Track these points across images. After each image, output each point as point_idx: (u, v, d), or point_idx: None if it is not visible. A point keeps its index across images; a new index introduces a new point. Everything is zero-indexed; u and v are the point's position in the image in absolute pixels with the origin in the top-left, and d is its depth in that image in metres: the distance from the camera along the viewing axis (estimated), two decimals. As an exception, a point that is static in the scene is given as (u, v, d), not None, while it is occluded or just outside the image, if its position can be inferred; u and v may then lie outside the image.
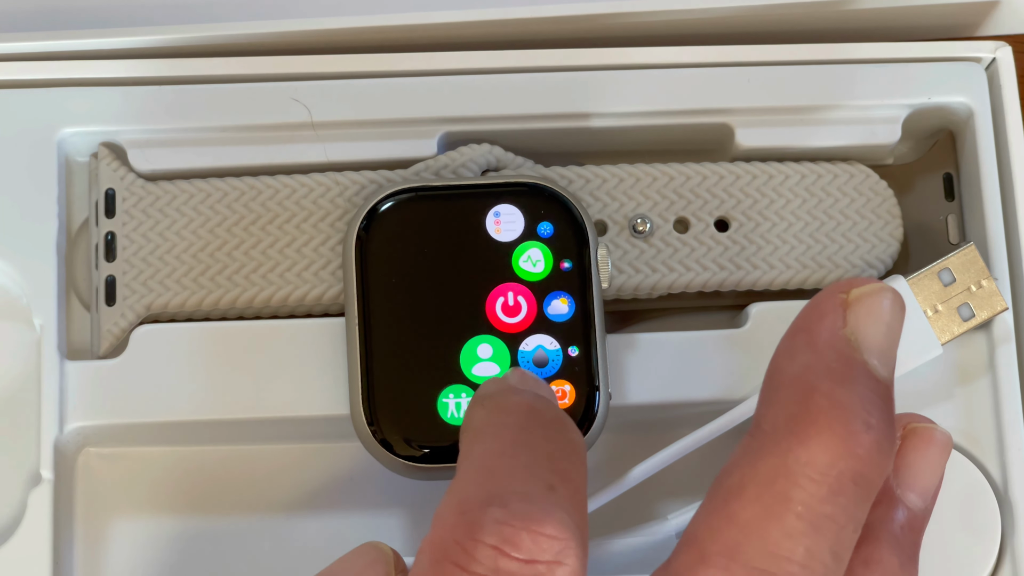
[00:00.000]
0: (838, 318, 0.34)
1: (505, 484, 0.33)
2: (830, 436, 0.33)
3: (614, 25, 0.48)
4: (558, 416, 0.36)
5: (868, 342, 0.34)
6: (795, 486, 0.32)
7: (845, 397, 0.33)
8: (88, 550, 0.45)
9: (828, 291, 0.35)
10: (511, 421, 0.35)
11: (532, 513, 0.32)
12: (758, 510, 0.32)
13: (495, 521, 0.32)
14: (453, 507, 0.33)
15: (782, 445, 0.33)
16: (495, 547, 0.32)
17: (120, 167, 0.46)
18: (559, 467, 0.34)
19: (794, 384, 0.34)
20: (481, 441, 0.35)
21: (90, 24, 0.47)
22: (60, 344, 0.45)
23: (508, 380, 0.37)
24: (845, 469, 0.33)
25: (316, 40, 0.47)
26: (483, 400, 0.36)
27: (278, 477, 0.46)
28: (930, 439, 0.37)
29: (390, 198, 0.45)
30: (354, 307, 0.44)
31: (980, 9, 0.49)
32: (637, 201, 0.46)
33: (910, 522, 0.36)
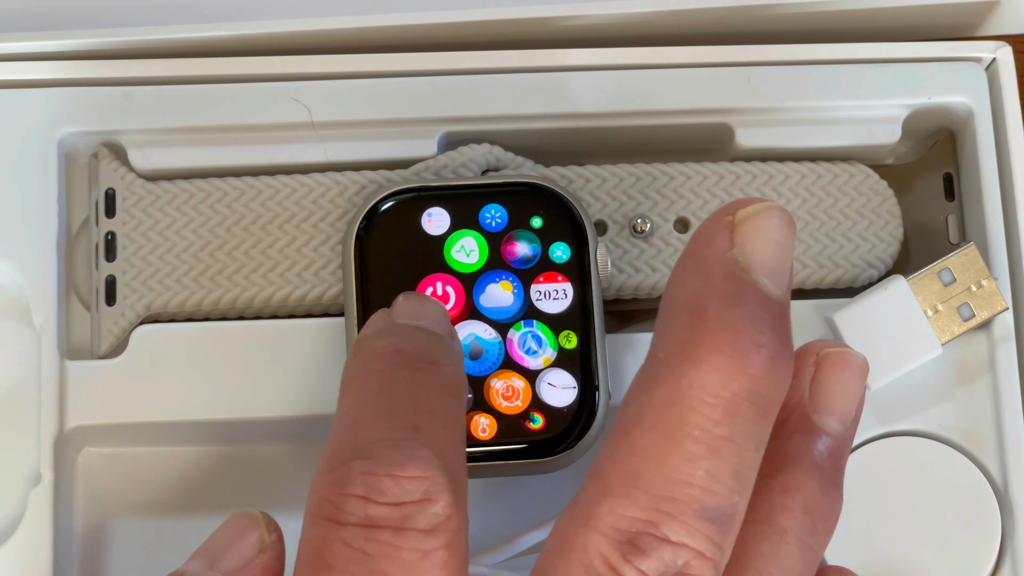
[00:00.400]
0: (725, 240, 0.34)
1: (367, 434, 0.34)
2: (720, 357, 0.33)
3: (614, 25, 0.48)
4: (427, 353, 0.36)
5: (757, 261, 0.34)
6: (690, 410, 0.33)
7: (734, 317, 0.33)
8: (88, 550, 0.45)
9: (716, 214, 0.35)
10: (376, 368, 0.35)
11: (394, 457, 0.33)
12: (656, 437, 0.33)
13: (359, 472, 0.33)
14: (322, 466, 0.34)
15: (675, 371, 0.33)
16: (362, 496, 0.33)
17: (120, 167, 0.46)
18: (423, 405, 0.35)
19: (684, 309, 0.34)
20: (348, 394, 0.36)
21: (90, 24, 0.47)
22: (60, 344, 0.45)
23: (386, 317, 0.37)
24: (739, 389, 0.32)
25: (316, 40, 0.47)
26: (355, 347, 0.37)
27: (278, 477, 0.46)
28: (844, 362, 0.36)
29: (390, 198, 0.45)
30: (354, 307, 0.44)
31: (980, 9, 0.49)
32: (637, 201, 0.46)
33: (830, 448, 0.36)
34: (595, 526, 0.33)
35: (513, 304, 0.44)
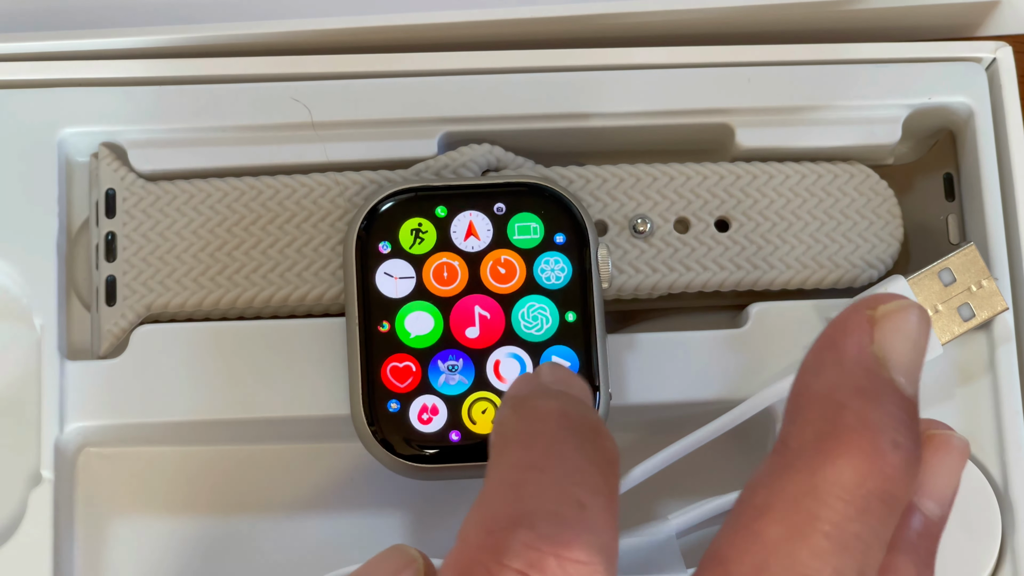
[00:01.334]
0: (865, 335, 0.34)
1: (534, 503, 0.32)
2: (858, 455, 0.32)
3: (614, 25, 0.48)
4: (591, 424, 0.34)
5: (895, 359, 0.34)
6: (823, 505, 0.32)
7: (873, 415, 0.33)
8: (88, 550, 0.45)
9: (855, 307, 0.34)
10: (542, 429, 0.34)
11: (560, 536, 0.31)
12: (785, 529, 0.32)
13: (522, 544, 0.31)
14: (479, 524, 0.32)
15: (809, 463, 0.32)
16: (521, 571, 0.31)
17: (120, 167, 0.46)
18: (591, 481, 0.33)
19: (821, 401, 0.33)
20: (510, 451, 0.34)
21: (90, 24, 0.47)
22: (60, 344, 0.45)
23: (540, 378, 0.36)
24: (873, 488, 0.32)
25: (316, 40, 0.47)
26: (514, 403, 0.35)
27: (278, 477, 0.46)
28: (948, 446, 0.36)
29: (390, 198, 0.45)
30: (354, 307, 0.44)
31: (980, 9, 0.49)
32: (637, 201, 0.46)
33: (927, 529, 0.36)
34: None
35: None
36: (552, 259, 0.44)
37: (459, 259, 0.44)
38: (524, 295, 0.44)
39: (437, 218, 0.44)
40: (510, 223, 0.44)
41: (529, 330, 0.44)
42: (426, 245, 0.44)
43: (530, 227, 0.44)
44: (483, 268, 0.44)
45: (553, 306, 0.44)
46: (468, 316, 0.44)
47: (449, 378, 0.43)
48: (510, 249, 0.44)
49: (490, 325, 0.44)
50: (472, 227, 0.44)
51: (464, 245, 0.44)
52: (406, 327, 0.44)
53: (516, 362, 0.43)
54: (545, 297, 0.44)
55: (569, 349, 0.44)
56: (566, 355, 0.44)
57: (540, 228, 0.44)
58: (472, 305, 0.44)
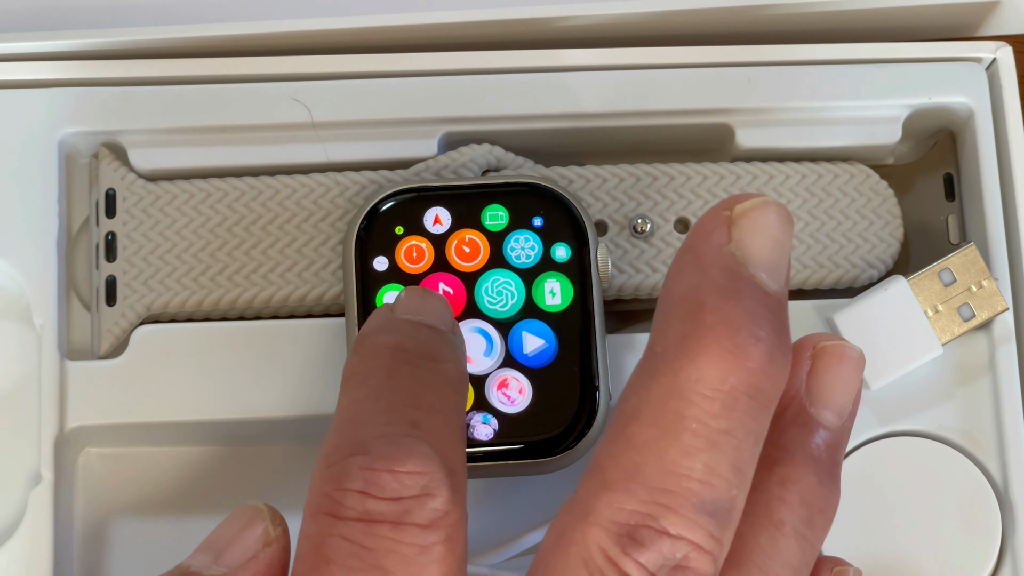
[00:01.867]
0: (723, 234, 0.34)
1: (367, 430, 0.34)
2: (718, 351, 0.33)
3: (614, 25, 0.48)
4: (427, 349, 0.36)
5: (754, 256, 0.34)
6: (688, 404, 0.33)
7: (732, 312, 0.33)
8: (88, 550, 0.45)
9: (713, 209, 0.35)
10: (377, 365, 0.36)
11: (392, 453, 0.33)
12: (654, 431, 0.33)
13: (358, 467, 0.33)
14: (321, 462, 0.34)
15: (673, 365, 0.33)
16: (361, 491, 0.33)
17: (120, 167, 0.46)
18: (424, 401, 0.35)
19: (682, 303, 0.34)
20: (348, 390, 0.36)
21: (90, 24, 0.47)
22: (60, 344, 0.45)
23: (387, 312, 0.37)
24: (737, 383, 0.33)
25: (316, 40, 0.47)
26: (356, 343, 0.37)
27: (278, 477, 0.46)
28: (841, 355, 0.37)
29: (390, 198, 0.45)
30: (354, 307, 0.44)
31: (980, 9, 0.49)
32: (637, 201, 0.46)
33: (827, 441, 0.36)
34: (594, 520, 0.33)
35: (515, 304, 0.44)
36: (551, 274, 0.44)
37: (455, 278, 0.44)
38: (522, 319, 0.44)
39: (433, 236, 0.44)
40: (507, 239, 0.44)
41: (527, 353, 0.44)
42: (424, 264, 0.44)
43: (528, 242, 0.44)
44: (479, 289, 0.44)
45: (550, 331, 0.44)
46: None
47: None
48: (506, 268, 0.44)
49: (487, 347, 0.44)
50: (470, 245, 0.44)
51: (460, 263, 0.44)
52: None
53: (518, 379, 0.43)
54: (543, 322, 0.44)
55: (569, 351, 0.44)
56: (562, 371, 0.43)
57: (538, 243, 0.44)
58: (468, 329, 0.44)
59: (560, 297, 0.44)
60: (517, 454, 0.43)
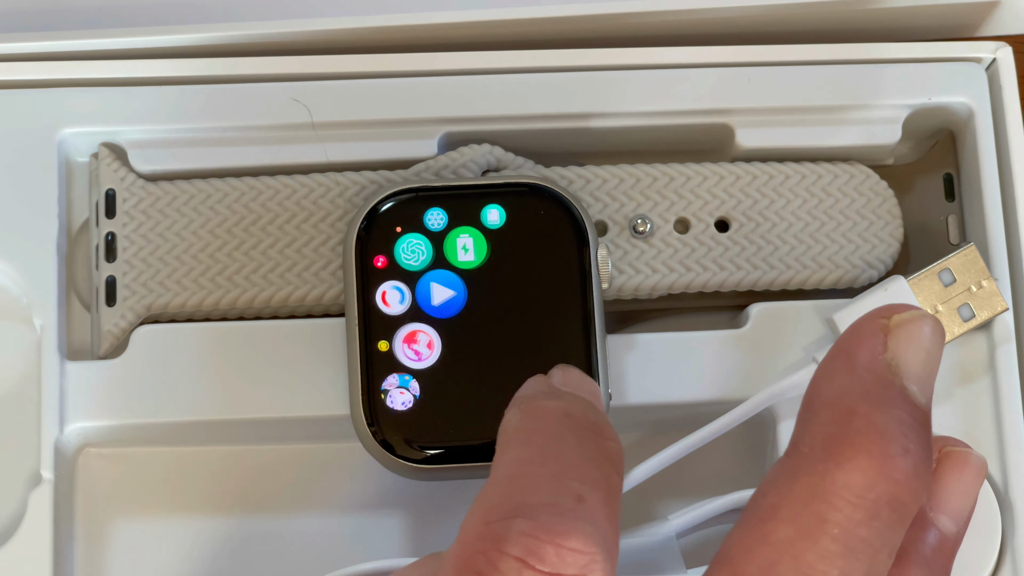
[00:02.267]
0: (878, 343, 0.34)
1: (532, 495, 0.33)
2: (868, 459, 0.32)
3: (614, 26, 0.48)
4: (593, 422, 0.35)
5: (908, 368, 0.34)
6: (831, 508, 0.32)
7: (883, 421, 0.33)
8: (88, 550, 0.45)
9: (869, 316, 0.35)
10: (543, 427, 0.35)
11: (558, 525, 0.32)
12: (793, 531, 0.32)
13: (520, 533, 0.32)
14: (479, 516, 0.33)
15: (819, 467, 0.33)
16: (519, 559, 0.31)
17: (120, 167, 0.46)
18: (589, 476, 0.34)
19: (832, 406, 0.34)
20: (512, 448, 0.34)
21: (90, 24, 0.47)
22: (60, 344, 0.45)
23: (548, 381, 0.37)
24: (882, 493, 0.32)
25: (316, 40, 0.47)
26: (519, 403, 0.36)
27: (278, 477, 0.46)
28: (965, 463, 0.37)
29: (390, 198, 0.45)
30: (354, 307, 0.44)
31: (980, 9, 0.49)
32: (637, 201, 0.46)
33: (941, 545, 0.36)
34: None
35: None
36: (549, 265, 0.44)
37: (456, 274, 0.44)
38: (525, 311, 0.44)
39: (432, 233, 0.44)
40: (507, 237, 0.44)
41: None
42: (423, 262, 0.44)
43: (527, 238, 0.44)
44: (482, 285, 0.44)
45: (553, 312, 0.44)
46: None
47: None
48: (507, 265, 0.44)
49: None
50: (467, 243, 0.44)
51: (461, 262, 0.44)
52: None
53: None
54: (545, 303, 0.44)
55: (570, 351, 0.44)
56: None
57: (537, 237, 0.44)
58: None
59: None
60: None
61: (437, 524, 0.46)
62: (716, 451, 0.46)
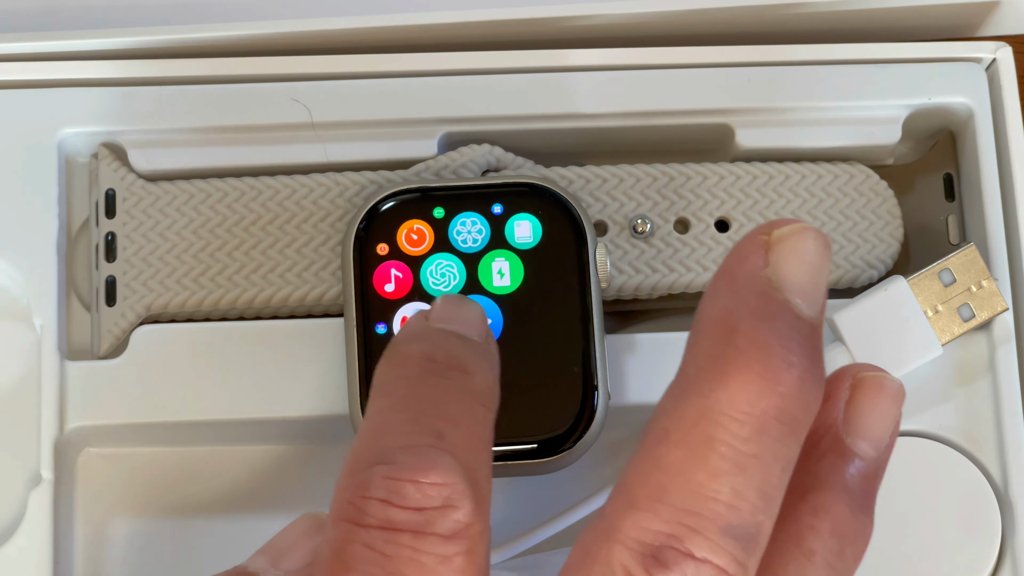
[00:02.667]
0: (759, 259, 0.34)
1: (391, 439, 0.34)
2: (749, 375, 0.32)
3: (614, 25, 0.48)
4: (457, 360, 0.36)
5: (790, 281, 0.34)
6: (717, 427, 0.32)
7: (764, 336, 0.33)
8: (88, 550, 0.45)
9: (751, 233, 0.34)
10: (404, 373, 0.36)
11: (416, 463, 0.33)
12: (683, 453, 0.32)
13: (382, 476, 0.33)
14: (346, 468, 0.34)
15: (704, 387, 0.33)
16: (383, 500, 0.33)
17: (120, 167, 0.46)
18: (449, 413, 0.35)
19: (715, 326, 0.33)
20: (375, 398, 0.36)
21: (90, 24, 0.47)
22: (60, 344, 0.45)
23: (421, 320, 0.37)
24: (767, 407, 0.32)
25: (316, 40, 0.47)
26: (387, 352, 0.37)
27: (278, 477, 0.46)
28: (880, 387, 0.36)
29: (390, 198, 0.45)
30: (354, 307, 0.44)
31: (980, 9, 0.49)
32: (637, 201, 0.46)
33: (862, 471, 0.36)
34: (618, 539, 0.33)
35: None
36: (550, 260, 0.44)
37: (457, 259, 0.44)
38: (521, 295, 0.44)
39: (435, 219, 0.44)
40: (508, 223, 0.44)
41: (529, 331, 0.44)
42: (424, 247, 0.44)
43: (528, 228, 0.44)
44: (481, 269, 0.44)
45: (553, 307, 0.44)
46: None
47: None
48: (508, 249, 0.44)
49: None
50: (470, 227, 0.44)
51: (462, 247, 0.44)
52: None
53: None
54: (544, 298, 0.44)
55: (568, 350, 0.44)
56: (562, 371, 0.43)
57: (539, 229, 0.44)
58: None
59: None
60: (516, 455, 0.43)
61: (437, 524, 0.46)
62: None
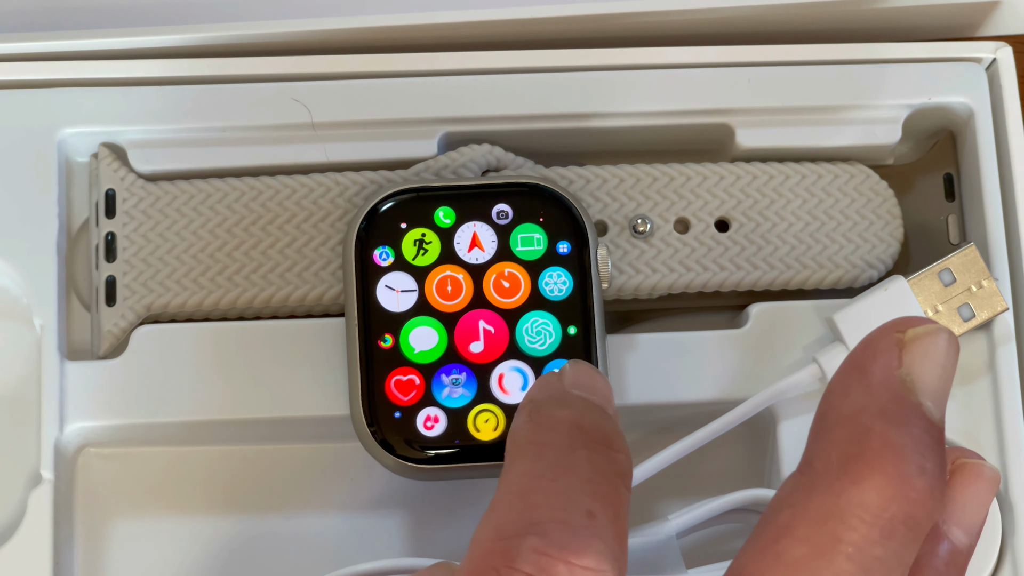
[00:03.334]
0: (893, 358, 0.34)
1: (543, 511, 0.33)
2: (884, 478, 0.32)
3: (614, 26, 0.48)
4: (604, 435, 0.35)
5: (923, 384, 0.33)
6: (846, 527, 0.32)
7: (899, 439, 0.33)
8: (88, 550, 0.45)
9: (883, 329, 0.34)
10: (554, 440, 0.34)
11: (570, 543, 0.32)
12: (807, 550, 0.32)
13: (532, 550, 0.32)
14: (490, 532, 0.33)
15: (835, 485, 0.32)
16: (531, 575, 0.32)
17: (120, 167, 0.46)
18: (600, 491, 0.33)
19: (847, 423, 0.33)
20: (522, 461, 0.34)
21: (90, 24, 0.47)
22: (60, 344, 0.45)
23: (562, 380, 0.36)
24: (897, 512, 0.32)
25: (316, 40, 0.47)
26: (529, 410, 0.35)
27: (278, 477, 0.46)
28: (979, 475, 0.36)
29: (390, 198, 0.45)
30: (354, 307, 0.44)
31: (980, 9, 0.49)
32: (637, 201, 0.46)
33: (953, 558, 0.35)
34: None
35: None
36: (556, 272, 0.44)
37: (463, 272, 0.44)
38: (529, 310, 0.44)
39: (440, 228, 0.44)
40: (513, 233, 0.44)
41: (533, 345, 0.44)
42: (429, 257, 0.44)
43: (533, 237, 0.44)
44: (487, 281, 0.44)
45: (556, 320, 0.44)
46: (473, 332, 0.44)
47: (452, 391, 0.43)
48: (514, 262, 0.44)
49: (494, 340, 0.44)
50: (476, 238, 0.44)
51: (468, 257, 0.44)
52: (411, 343, 0.44)
53: (519, 376, 0.43)
54: (549, 312, 0.44)
55: (571, 354, 0.44)
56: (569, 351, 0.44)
57: (544, 238, 0.44)
58: (476, 320, 0.44)
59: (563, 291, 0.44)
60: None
61: (437, 524, 0.46)
62: (716, 451, 0.46)
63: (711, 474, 0.46)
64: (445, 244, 0.44)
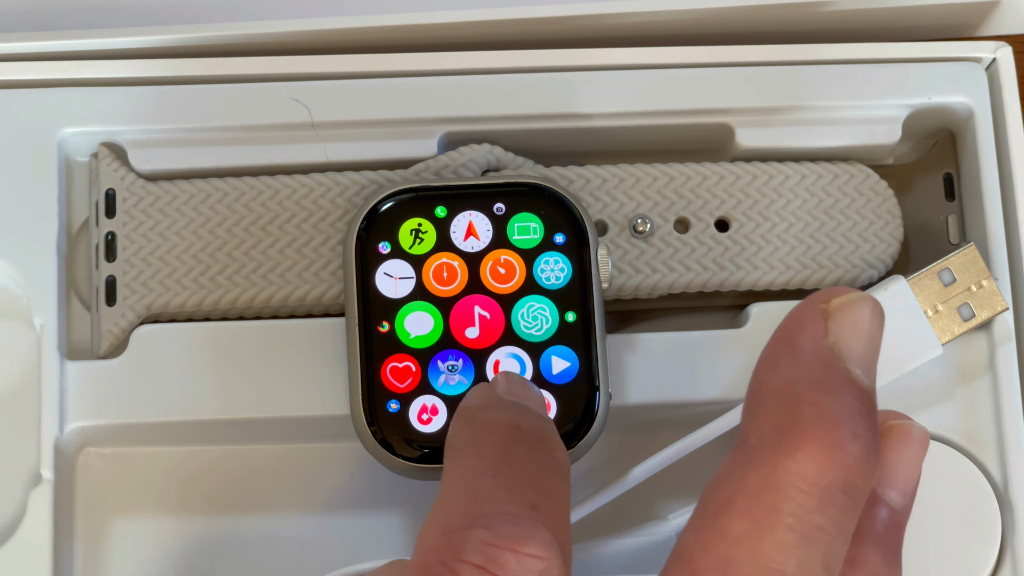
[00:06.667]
0: (819, 328, 0.34)
1: (488, 505, 0.34)
2: (818, 447, 0.32)
3: (614, 25, 0.48)
4: (541, 433, 0.36)
5: (850, 352, 0.34)
6: (785, 498, 0.32)
7: (831, 407, 0.33)
8: (88, 550, 0.45)
9: (808, 301, 0.35)
10: (494, 439, 0.35)
11: (516, 533, 0.33)
12: (748, 524, 0.32)
13: (479, 541, 0.33)
14: (437, 528, 0.34)
15: (770, 457, 0.33)
16: (480, 566, 0.32)
17: (120, 167, 0.46)
18: (541, 485, 0.34)
19: (779, 395, 0.33)
20: (464, 459, 0.35)
21: (90, 24, 0.47)
22: (60, 344, 0.45)
23: (494, 390, 0.37)
24: (834, 479, 0.32)
25: (316, 40, 0.47)
26: (466, 416, 0.37)
27: (278, 477, 0.46)
28: (908, 436, 0.36)
29: (390, 198, 0.45)
30: (354, 307, 0.44)
31: (980, 9, 0.49)
32: (637, 201, 0.46)
33: (892, 520, 0.36)
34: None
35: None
36: (552, 259, 0.44)
37: (459, 259, 0.44)
38: (524, 295, 0.44)
39: (437, 218, 0.44)
40: (510, 223, 0.44)
41: (529, 330, 0.44)
42: (426, 245, 0.44)
43: (530, 227, 0.44)
44: (483, 268, 0.44)
45: (553, 306, 0.44)
46: (468, 316, 0.44)
47: (449, 378, 0.43)
48: (510, 249, 0.44)
49: (490, 325, 0.44)
50: (472, 227, 0.44)
51: (464, 245, 0.44)
52: (406, 327, 0.44)
53: (516, 362, 0.44)
54: (545, 297, 0.44)
55: (569, 349, 0.44)
56: (566, 355, 0.44)
57: (540, 228, 0.44)
58: (472, 305, 0.44)
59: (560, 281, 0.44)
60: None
61: (437, 524, 0.46)
62: (716, 451, 0.46)
63: (711, 474, 0.46)
64: (441, 233, 0.44)
